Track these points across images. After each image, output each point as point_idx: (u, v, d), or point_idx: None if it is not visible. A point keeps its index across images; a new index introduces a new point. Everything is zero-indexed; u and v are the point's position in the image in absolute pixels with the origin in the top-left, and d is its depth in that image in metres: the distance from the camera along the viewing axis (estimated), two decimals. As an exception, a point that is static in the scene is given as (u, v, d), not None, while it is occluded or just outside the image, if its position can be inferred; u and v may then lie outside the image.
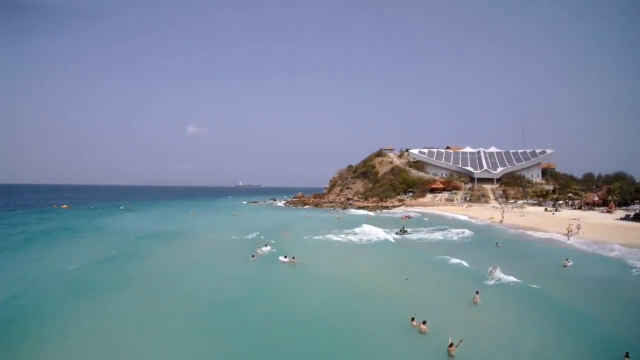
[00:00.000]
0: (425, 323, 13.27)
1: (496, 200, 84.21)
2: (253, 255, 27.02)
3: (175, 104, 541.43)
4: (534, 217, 52.22)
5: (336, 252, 31.11)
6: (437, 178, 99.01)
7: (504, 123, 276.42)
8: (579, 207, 63.44)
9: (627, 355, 11.06)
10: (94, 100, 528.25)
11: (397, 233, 40.46)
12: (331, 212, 77.14)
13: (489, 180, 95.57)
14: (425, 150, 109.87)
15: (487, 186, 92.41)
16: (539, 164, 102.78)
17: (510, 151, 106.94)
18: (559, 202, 66.70)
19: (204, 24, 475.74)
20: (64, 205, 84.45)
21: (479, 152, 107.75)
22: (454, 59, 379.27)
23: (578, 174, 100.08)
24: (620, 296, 17.95)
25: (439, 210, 72.24)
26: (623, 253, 26.78)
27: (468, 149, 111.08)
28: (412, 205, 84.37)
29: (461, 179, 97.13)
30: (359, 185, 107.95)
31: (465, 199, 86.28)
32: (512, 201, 79.54)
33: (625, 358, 11.01)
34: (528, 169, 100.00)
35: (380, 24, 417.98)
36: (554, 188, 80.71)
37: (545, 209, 62.39)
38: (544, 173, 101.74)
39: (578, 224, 36.94)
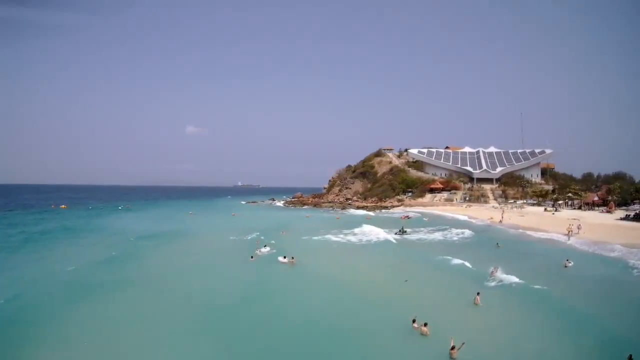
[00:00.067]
0: (426, 325, 13.16)
1: (495, 200, 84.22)
2: (252, 256, 26.89)
3: (175, 104, 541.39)
4: (533, 217, 52.17)
5: (336, 253, 31.03)
6: (437, 178, 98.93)
7: (503, 123, 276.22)
8: (578, 207, 63.46)
9: (631, 357, 10.84)
10: (94, 100, 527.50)
11: (397, 233, 40.36)
12: (330, 212, 77.02)
13: (488, 180, 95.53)
14: (425, 150, 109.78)
15: (487, 186, 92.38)
16: (539, 163, 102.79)
17: (510, 151, 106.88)
18: (559, 202, 66.70)
19: (204, 24, 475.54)
20: (63, 205, 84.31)
21: (478, 152, 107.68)
22: (453, 59, 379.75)
23: (577, 174, 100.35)
24: (622, 297, 17.87)
25: (438, 211, 72.19)
26: (624, 253, 26.71)
27: (467, 149, 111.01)
28: (412, 205, 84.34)
29: (460, 179, 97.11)
30: (358, 185, 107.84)
31: (465, 199, 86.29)
32: (512, 201, 79.55)
33: None
34: (527, 169, 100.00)
35: (380, 24, 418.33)
36: (553, 188, 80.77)
37: (545, 209, 62.39)
38: (544, 173, 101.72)
39: (578, 224, 36.87)
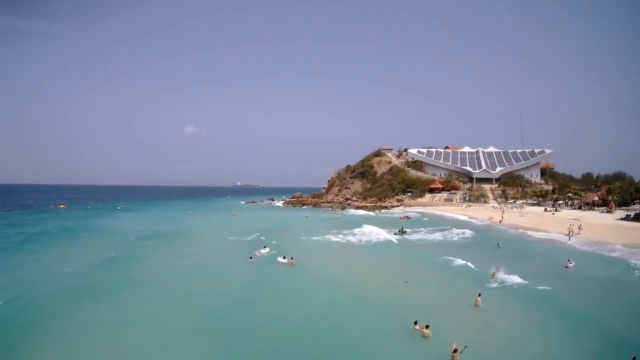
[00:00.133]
0: (428, 327, 13.03)
1: (495, 200, 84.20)
2: (251, 257, 26.74)
3: (175, 104, 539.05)
4: (533, 217, 52.11)
5: (336, 253, 30.94)
6: (436, 178, 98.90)
7: (503, 123, 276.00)
8: (578, 207, 63.43)
9: (635, 359, 10.73)
10: (94, 100, 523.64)
11: (396, 234, 40.24)
12: (329, 213, 76.91)
13: (488, 180, 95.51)
14: (424, 150, 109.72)
15: (486, 186, 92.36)
16: (538, 163, 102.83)
17: (509, 151, 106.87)
18: (559, 202, 66.68)
19: (204, 24, 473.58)
20: (61, 205, 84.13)
21: (477, 152, 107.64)
22: (453, 59, 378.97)
23: (577, 174, 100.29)
24: (625, 297, 17.80)
25: (438, 211, 72.13)
26: (624, 253, 26.65)
27: (467, 149, 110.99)
28: (411, 205, 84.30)
29: (460, 179, 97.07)
30: (358, 185, 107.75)
31: (465, 199, 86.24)
32: (512, 201, 79.52)
33: None
34: (527, 168, 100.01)
35: (380, 24, 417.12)
36: (553, 188, 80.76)
37: (545, 209, 62.35)
38: (543, 173, 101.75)
39: (579, 224, 36.80)
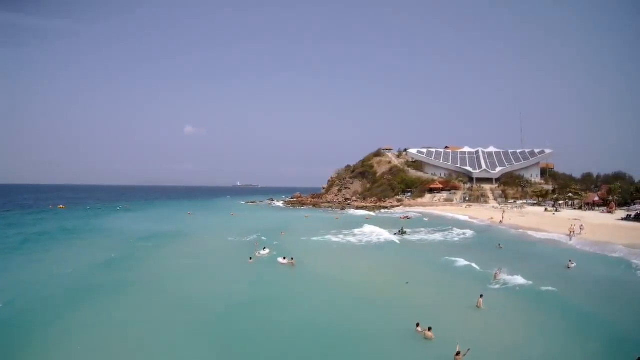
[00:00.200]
0: (430, 329, 12.91)
1: (495, 200, 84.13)
2: (251, 257, 26.60)
3: (175, 104, 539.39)
4: (534, 218, 52.02)
5: (336, 254, 30.81)
6: (436, 178, 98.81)
7: (502, 123, 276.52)
8: (579, 207, 63.37)
9: (639, 360, 10.68)
10: (94, 100, 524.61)
11: (396, 234, 40.09)
12: (329, 213, 76.76)
13: (488, 180, 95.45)
14: (424, 150, 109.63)
15: (486, 186, 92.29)
16: (538, 163, 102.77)
17: (509, 151, 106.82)
18: (559, 202, 66.61)
19: (204, 24, 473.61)
20: (61, 205, 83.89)
21: (477, 152, 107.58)
22: (453, 59, 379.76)
23: (577, 174, 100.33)
24: (627, 298, 17.71)
25: (438, 211, 72.02)
26: (626, 254, 26.59)
27: (467, 149, 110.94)
28: (411, 205, 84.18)
29: (460, 179, 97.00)
30: (357, 186, 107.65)
31: (465, 199, 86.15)
32: (512, 201, 79.48)
33: None
34: (527, 168, 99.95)
35: (380, 24, 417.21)
36: (553, 188, 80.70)
37: (546, 209, 62.29)
38: (543, 173, 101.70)
39: (581, 224, 36.73)
